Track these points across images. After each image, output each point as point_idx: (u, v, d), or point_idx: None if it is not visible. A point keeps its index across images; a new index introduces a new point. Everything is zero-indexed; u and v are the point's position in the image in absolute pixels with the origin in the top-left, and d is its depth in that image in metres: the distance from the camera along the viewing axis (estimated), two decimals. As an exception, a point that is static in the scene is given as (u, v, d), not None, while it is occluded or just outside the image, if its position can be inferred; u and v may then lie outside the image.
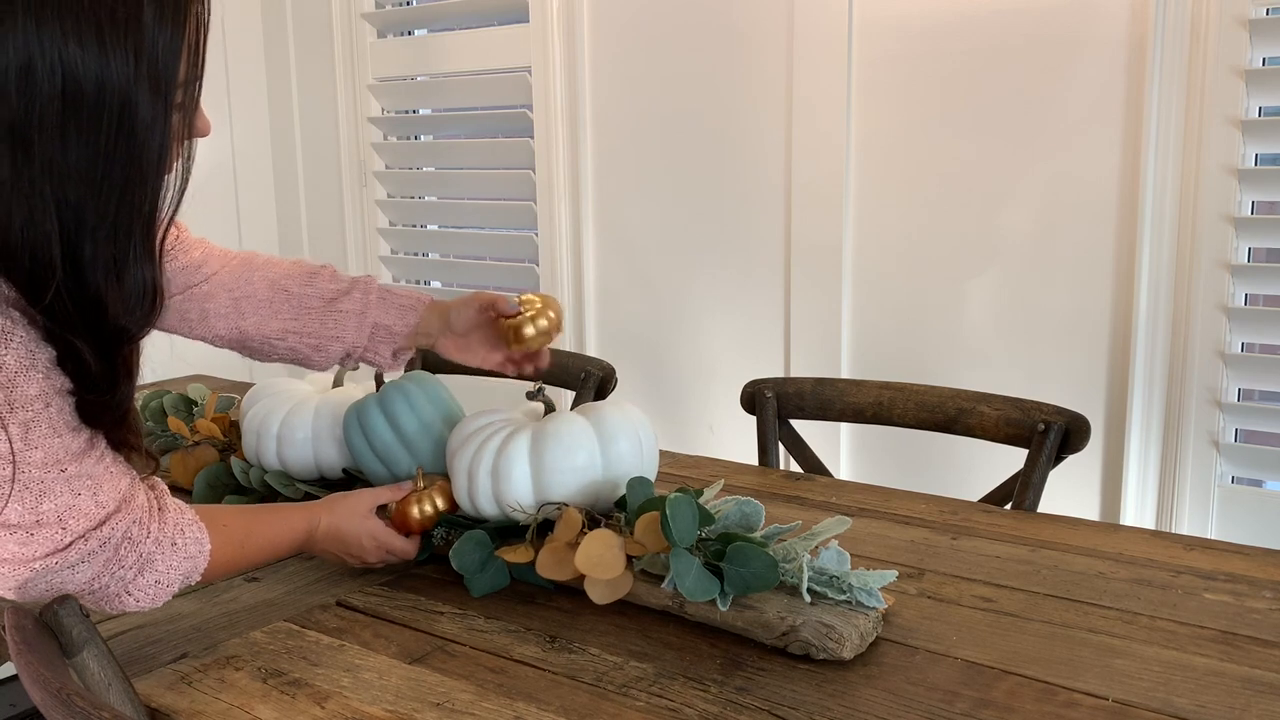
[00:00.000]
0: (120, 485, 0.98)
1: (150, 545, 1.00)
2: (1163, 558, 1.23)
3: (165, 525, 1.02)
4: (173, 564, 1.02)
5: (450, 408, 1.38)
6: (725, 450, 2.22)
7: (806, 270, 2.19)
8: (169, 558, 1.02)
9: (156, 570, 1.01)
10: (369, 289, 1.35)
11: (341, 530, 1.19)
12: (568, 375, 1.96)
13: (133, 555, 0.99)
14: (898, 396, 1.65)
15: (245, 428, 1.45)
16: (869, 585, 1.06)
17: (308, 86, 2.95)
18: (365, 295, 1.34)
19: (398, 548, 1.23)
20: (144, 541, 1.00)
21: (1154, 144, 1.79)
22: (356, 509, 1.21)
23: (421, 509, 1.24)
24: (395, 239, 2.89)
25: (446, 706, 0.96)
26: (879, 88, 2.07)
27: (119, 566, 0.98)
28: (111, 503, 0.97)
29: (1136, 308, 1.84)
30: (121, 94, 0.85)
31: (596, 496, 1.20)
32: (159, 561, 1.01)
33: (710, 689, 0.98)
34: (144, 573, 1.00)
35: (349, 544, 1.20)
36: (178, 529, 1.03)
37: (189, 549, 1.04)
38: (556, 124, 2.48)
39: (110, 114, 0.85)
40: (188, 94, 0.92)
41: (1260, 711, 0.91)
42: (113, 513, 0.97)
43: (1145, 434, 1.88)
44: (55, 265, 0.87)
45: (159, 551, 1.01)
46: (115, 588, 0.99)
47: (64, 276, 0.88)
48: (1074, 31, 1.86)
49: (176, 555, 1.02)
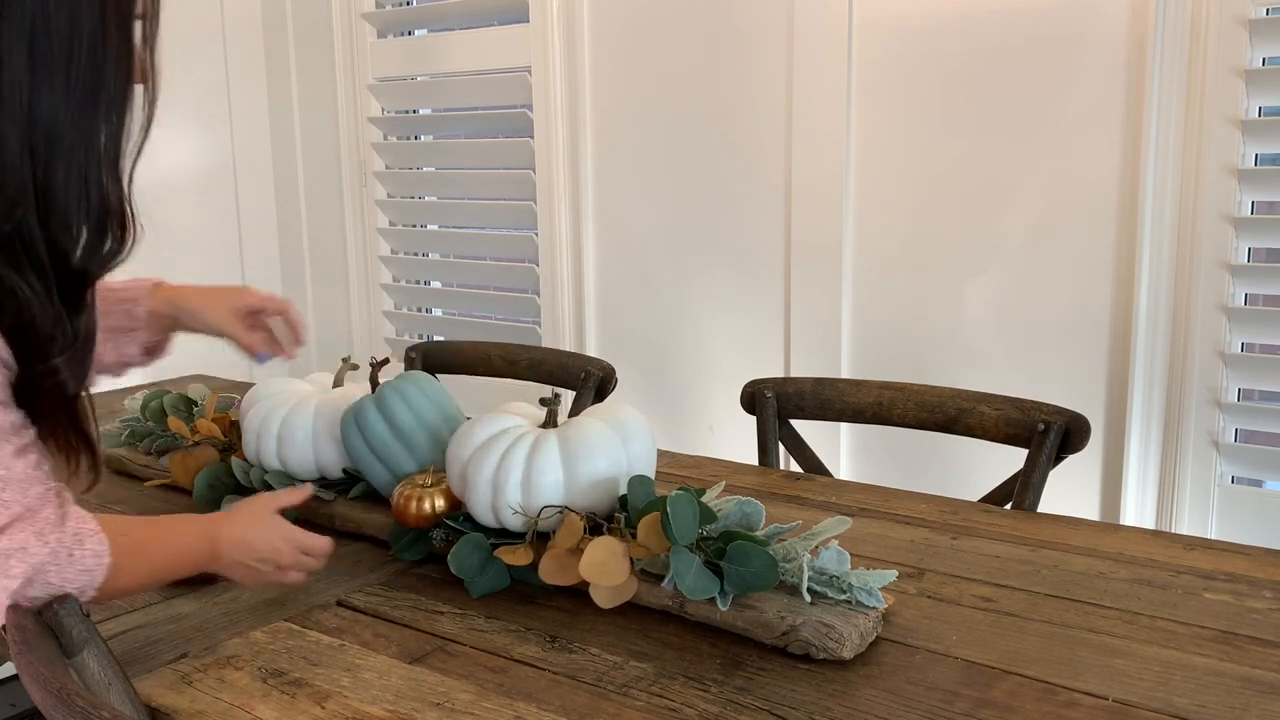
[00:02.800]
0: (30, 493, 0.93)
1: (45, 556, 0.95)
2: (1163, 558, 1.23)
3: (64, 536, 0.96)
4: (67, 577, 0.96)
5: (448, 406, 1.38)
6: (725, 450, 2.22)
7: (806, 270, 2.19)
8: (63, 568, 0.96)
9: (49, 581, 0.95)
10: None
11: (248, 538, 1.11)
12: (568, 375, 1.96)
13: (22, 566, 0.93)
14: (898, 396, 1.65)
15: (245, 428, 1.45)
16: (869, 585, 1.06)
17: (308, 86, 2.95)
18: None
19: (314, 546, 1.16)
20: (39, 552, 0.94)
21: (1154, 144, 1.79)
22: (258, 512, 1.15)
23: (420, 507, 1.25)
24: (395, 239, 2.89)
25: (446, 706, 0.96)
26: (879, 88, 2.07)
27: (4, 577, 0.92)
28: (17, 506, 0.92)
29: (1136, 308, 1.84)
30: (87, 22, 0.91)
31: (610, 498, 1.20)
32: (52, 573, 0.95)
33: (710, 689, 0.98)
34: (34, 583, 0.94)
35: (259, 549, 1.12)
36: (77, 539, 0.97)
37: (86, 562, 0.98)
38: (556, 124, 2.48)
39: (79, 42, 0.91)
40: (147, 28, 0.97)
41: (1260, 711, 0.91)
42: (13, 520, 0.92)
43: (1145, 434, 1.88)
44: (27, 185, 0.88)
45: (53, 563, 0.95)
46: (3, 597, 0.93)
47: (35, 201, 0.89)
48: (1074, 31, 1.86)
49: (72, 567, 0.96)
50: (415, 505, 1.25)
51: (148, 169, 1.04)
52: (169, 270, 3.04)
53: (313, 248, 3.03)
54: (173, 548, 1.08)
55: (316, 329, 3.08)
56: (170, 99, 3.17)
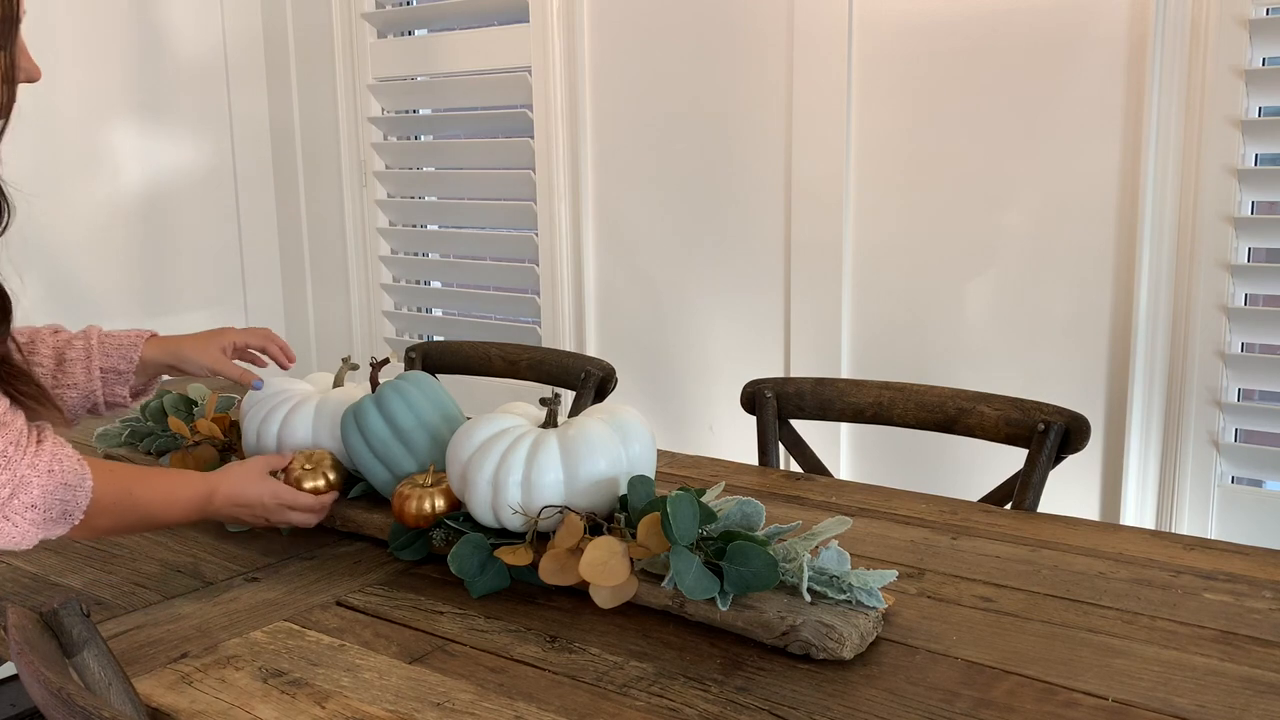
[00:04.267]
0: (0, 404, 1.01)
1: (25, 467, 1.02)
2: (1162, 558, 1.23)
3: (42, 452, 1.04)
4: (49, 489, 1.04)
5: (448, 406, 1.38)
6: (725, 450, 2.22)
7: (806, 270, 2.19)
8: (45, 482, 1.04)
9: (31, 494, 1.03)
10: (89, 336, 1.38)
11: (244, 494, 1.24)
12: (568, 375, 1.96)
13: (5, 474, 1.01)
14: (898, 396, 1.65)
15: (246, 427, 1.45)
16: (869, 585, 1.06)
17: (308, 86, 2.95)
18: (88, 342, 1.37)
19: (301, 503, 1.28)
20: (19, 462, 1.02)
21: (1154, 144, 1.79)
22: (251, 472, 1.27)
23: (420, 507, 1.25)
24: (395, 239, 2.89)
25: (446, 706, 0.96)
26: (879, 87, 2.07)
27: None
28: None
29: (1136, 308, 1.84)
30: None
31: (610, 498, 1.20)
32: (34, 485, 1.03)
33: (710, 689, 0.98)
34: (18, 494, 1.02)
35: (251, 505, 1.25)
36: (55, 457, 1.05)
37: (67, 476, 1.06)
38: (556, 124, 2.48)
39: None
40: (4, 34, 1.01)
41: (1260, 711, 0.91)
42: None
43: (1145, 434, 1.88)
44: None
45: (34, 475, 1.03)
46: None
47: None
48: (1074, 31, 1.86)
49: (53, 481, 1.05)
50: (415, 505, 1.25)
51: (148, 168, 1.06)
52: (169, 270, 3.04)
53: (313, 248, 3.03)
54: (163, 492, 1.18)
55: (316, 329, 3.08)
56: (170, 98, 3.18)
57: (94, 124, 2.67)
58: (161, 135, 2.80)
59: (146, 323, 2.54)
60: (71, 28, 2.61)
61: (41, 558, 1.31)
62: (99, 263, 2.71)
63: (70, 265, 2.65)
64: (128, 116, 2.73)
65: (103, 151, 2.70)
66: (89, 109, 2.65)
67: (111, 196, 2.71)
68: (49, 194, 2.54)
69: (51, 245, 2.60)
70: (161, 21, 2.78)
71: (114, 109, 2.70)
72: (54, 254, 2.62)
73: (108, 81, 2.68)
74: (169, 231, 2.84)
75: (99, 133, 2.68)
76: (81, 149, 2.65)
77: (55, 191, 2.61)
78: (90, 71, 2.64)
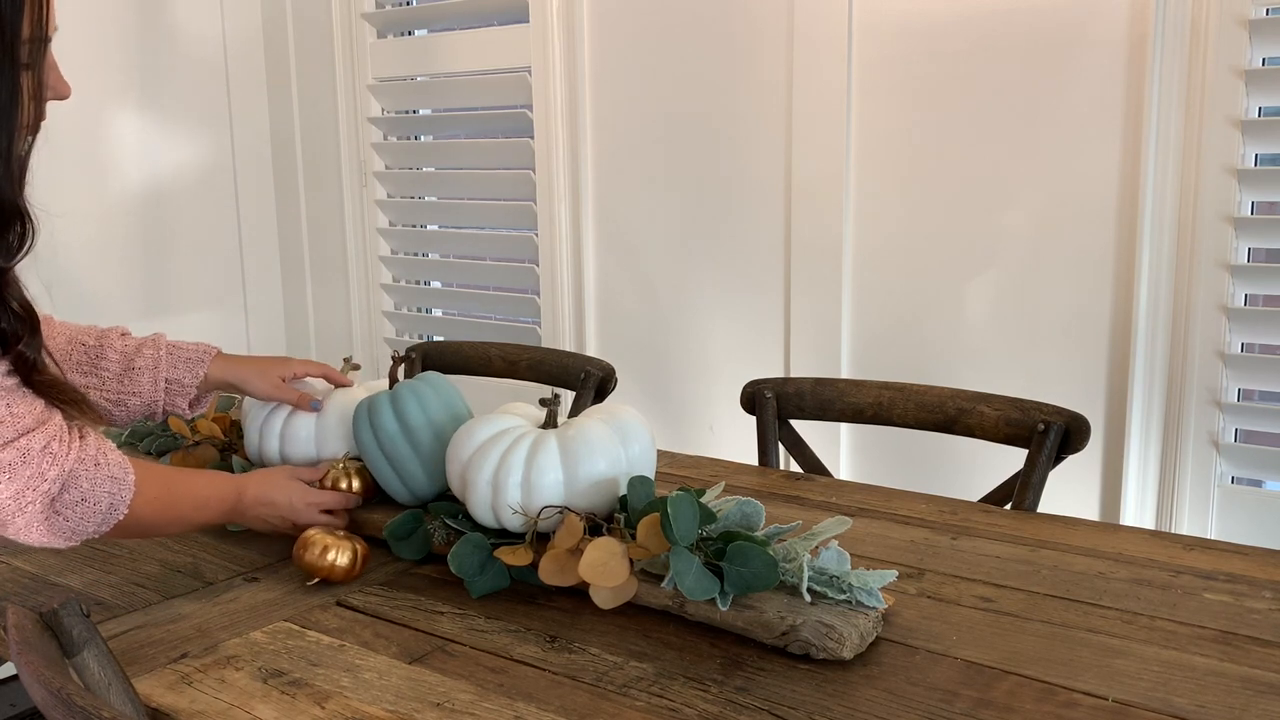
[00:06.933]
0: (36, 404, 1.02)
1: (72, 461, 1.04)
2: (1162, 558, 1.23)
3: (87, 446, 1.06)
4: (97, 482, 1.06)
5: (460, 410, 1.38)
6: (725, 450, 2.22)
7: (806, 270, 2.19)
8: (93, 475, 1.05)
9: (81, 487, 1.04)
10: (159, 345, 1.39)
11: (272, 496, 1.27)
12: (568, 375, 1.96)
13: (55, 469, 1.02)
14: (898, 396, 1.65)
15: (248, 426, 1.45)
16: (869, 585, 1.06)
17: (308, 86, 2.95)
18: (156, 352, 1.38)
19: (329, 501, 1.30)
20: (65, 458, 1.03)
21: (1154, 144, 1.79)
22: (278, 474, 1.30)
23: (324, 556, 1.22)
24: (395, 239, 2.89)
25: (446, 706, 0.96)
26: (879, 88, 2.07)
27: (42, 480, 1.01)
28: (27, 416, 1.00)
29: (1136, 308, 1.84)
30: None
31: (610, 499, 1.20)
32: (83, 478, 1.04)
33: (710, 689, 0.98)
34: (69, 489, 1.03)
35: (280, 507, 1.27)
36: (100, 451, 1.07)
37: (112, 470, 1.07)
38: (556, 124, 2.48)
39: None
40: (34, 53, 1.01)
41: (1260, 711, 0.91)
42: (31, 427, 1.01)
43: (1145, 434, 1.88)
44: None
45: (82, 469, 1.05)
46: (41, 505, 1.02)
47: None
48: (1074, 31, 1.86)
49: (100, 474, 1.06)
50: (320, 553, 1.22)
51: (148, 168, 1.07)
52: (169, 270, 3.04)
53: (313, 248, 3.03)
54: (199, 492, 1.21)
55: (316, 329, 3.08)
56: (171, 98, 3.18)
57: (94, 124, 2.67)
58: (161, 135, 2.80)
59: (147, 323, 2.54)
60: (71, 28, 2.60)
61: (42, 557, 1.31)
62: (99, 262, 2.71)
63: (70, 265, 2.65)
64: (128, 116, 2.73)
65: (103, 151, 2.70)
66: (89, 109, 2.65)
67: (111, 196, 2.71)
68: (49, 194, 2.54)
69: (51, 245, 2.60)
70: (162, 21, 2.78)
71: (114, 109, 2.70)
72: (54, 254, 2.62)
73: (108, 81, 2.68)
74: (169, 231, 2.83)
75: (99, 132, 2.68)
76: (81, 149, 2.65)
77: (55, 192, 2.60)
78: (90, 71, 2.64)
